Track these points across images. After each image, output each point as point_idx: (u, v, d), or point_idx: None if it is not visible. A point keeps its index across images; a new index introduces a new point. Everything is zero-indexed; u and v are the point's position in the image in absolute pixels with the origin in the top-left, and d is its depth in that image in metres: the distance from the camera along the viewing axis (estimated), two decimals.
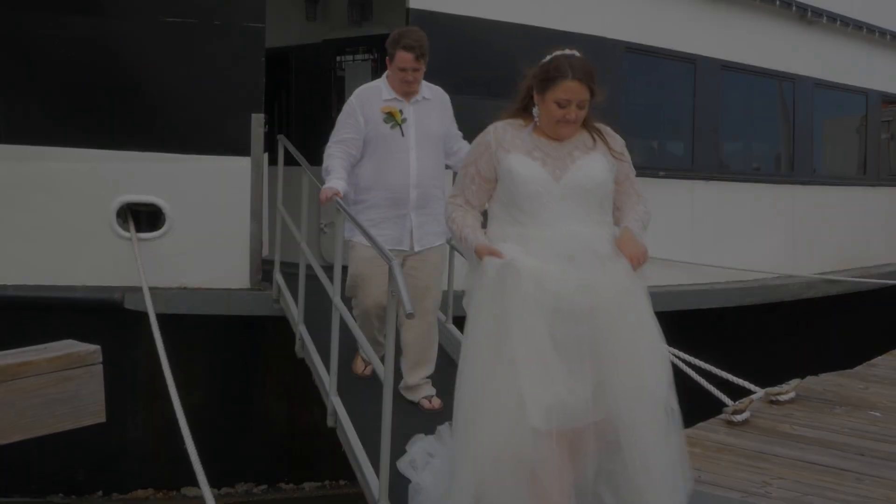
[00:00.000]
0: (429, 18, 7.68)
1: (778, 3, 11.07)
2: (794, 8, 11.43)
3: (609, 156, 3.75)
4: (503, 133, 3.76)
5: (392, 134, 5.19)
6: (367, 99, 5.26)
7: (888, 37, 13.53)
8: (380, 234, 4.92)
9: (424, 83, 5.34)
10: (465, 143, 5.20)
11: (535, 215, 3.64)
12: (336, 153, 5.22)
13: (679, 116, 10.14)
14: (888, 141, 14.71)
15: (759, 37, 11.01)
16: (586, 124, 3.78)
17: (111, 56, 7.13)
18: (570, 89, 3.61)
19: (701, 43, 10.21)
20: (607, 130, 3.86)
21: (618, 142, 3.86)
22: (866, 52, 13.34)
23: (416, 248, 5.30)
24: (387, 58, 5.24)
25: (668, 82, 10.15)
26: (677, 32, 9.88)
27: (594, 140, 3.76)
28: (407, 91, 5.23)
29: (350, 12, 9.52)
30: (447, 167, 5.54)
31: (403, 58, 5.14)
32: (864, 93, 13.47)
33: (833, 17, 12.18)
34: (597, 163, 3.71)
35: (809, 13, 11.71)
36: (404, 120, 5.21)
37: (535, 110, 3.72)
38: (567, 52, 3.71)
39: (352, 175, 5.25)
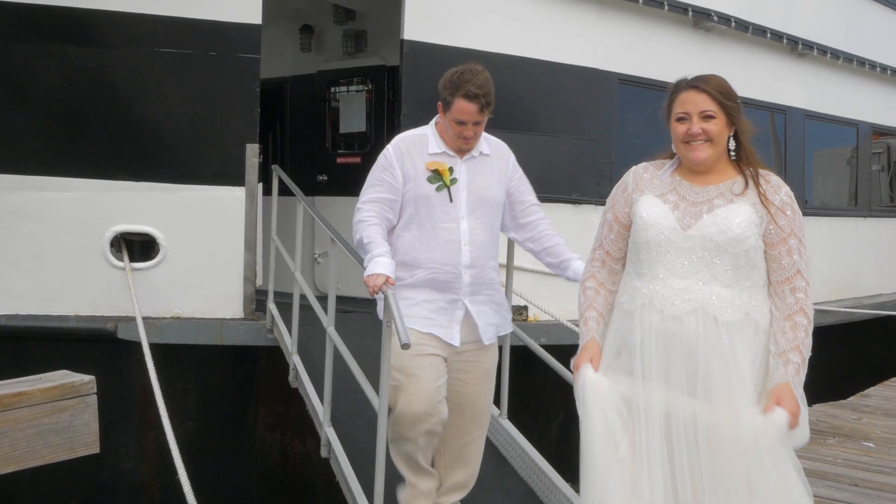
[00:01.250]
0: (423, 50, 7.74)
1: (769, 35, 11.19)
2: (784, 40, 11.55)
3: (760, 206, 3.13)
4: (642, 173, 3.34)
5: (438, 197, 4.10)
6: (409, 150, 4.17)
7: (878, 69, 13.67)
8: (427, 317, 4.09)
9: (483, 134, 4.27)
10: (541, 213, 4.38)
11: (651, 266, 3.18)
12: (370, 218, 4.11)
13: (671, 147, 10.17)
14: (878, 172, 14.81)
15: (751, 68, 11.11)
16: (747, 164, 3.24)
17: (106, 86, 7.16)
18: (686, 100, 3.21)
19: (692, 74, 10.27)
20: (769, 176, 3.22)
21: (778, 191, 3.18)
22: (856, 84, 13.48)
23: (466, 343, 4.19)
24: (439, 103, 4.15)
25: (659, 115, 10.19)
26: (669, 64, 9.95)
27: (746, 185, 3.18)
28: (466, 147, 4.16)
29: (344, 44, 9.59)
30: (517, 244, 4.58)
31: (464, 109, 4.03)
32: (855, 124, 13.58)
33: (823, 50, 12.30)
34: (738, 214, 3.11)
35: (800, 46, 11.83)
36: (454, 180, 4.12)
37: (673, 146, 3.30)
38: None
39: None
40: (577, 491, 3.40)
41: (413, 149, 4.19)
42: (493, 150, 4.30)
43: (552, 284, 5.38)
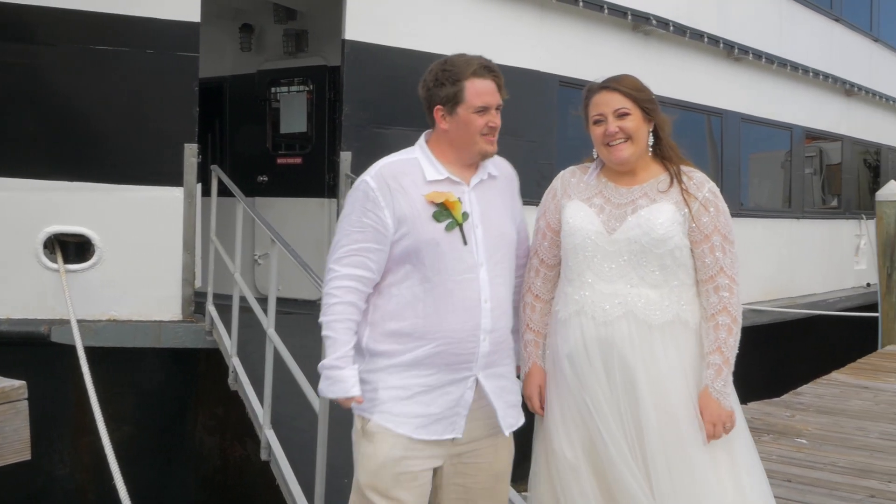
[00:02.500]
0: (364, 50, 7.71)
1: (706, 39, 11.36)
2: (721, 45, 11.74)
3: (682, 204, 3.08)
4: (569, 177, 3.29)
5: (448, 240, 3.04)
6: (399, 181, 3.07)
7: (811, 74, 13.96)
8: (422, 414, 3.04)
9: None
10: (525, 254, 3.39)
11: (580, 272, 3.13)
12: (339, 292, 3.04)
13: None
14: (811, 175, 15.14)
15: (688, 72, 11.27)
16: (670, 161, 3.17)
17: (39, 84, 7.01)
18: (599, 102, 3.14)
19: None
20: (692, 173, 3.16)
21: (701, 187, 3.12)
22: (790, 88, 13.76)
23: (473, 437, 3.13)
24: (436, 110, 3.13)
25: None
26: (610, 68, 10.01)
27: (671, 183, 3.13)
28: (492, 150, 3.16)
29: (285, 43, 9.53)
30: None
31: (483, 89, 3.08)
32: (789, 128, 13.86)
33: (758, 54, 12.53)
34: (661, 214, 3.06)
35: (736, 50, 12.04)
36: (466, 215, 3.08)
37: (594, 151, 3.24)
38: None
39: (370, 309, 3.12)
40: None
41: (404, 178, 3.08)
42: (501, 171, 3.28)
43: None
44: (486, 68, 3.10)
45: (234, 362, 6.28)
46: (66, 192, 7.00)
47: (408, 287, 3.06)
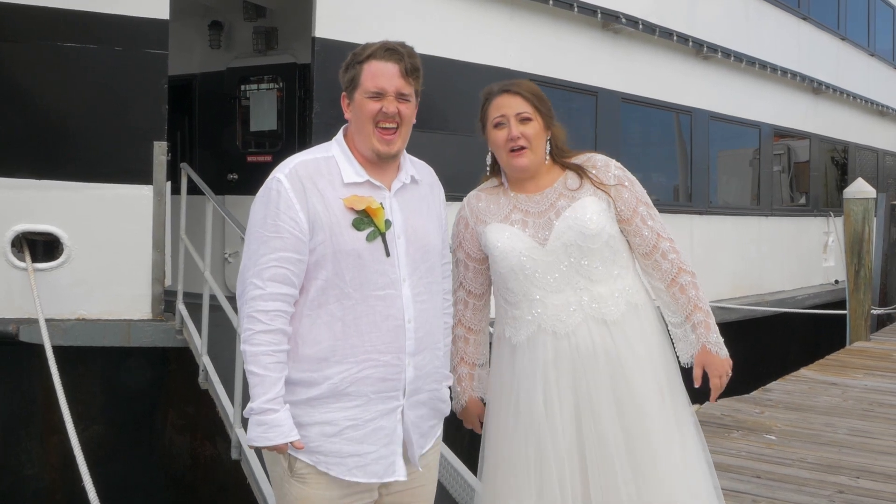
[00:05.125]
0: (334, 48, 7.69)
1: (675, 38, 11.43)
2: (690, 43, 11.81)
3: (601, 192, 3.06)
4: (476, 203, 3.17)
5: (370, 251, 2.71)
6: (314, 182, 2.71)
7: (779, 72, 14.08)
8: (355, 453, 2.72)
9: (407, 154, 2.92)
10: (451, 270, 3.14)
11: (525, 292, 3.03)
12: (268, 320, 2.66)
13: (581, 147, 10.29)
14: (779, 173, 15.27)
15: (658, 70, 11.34)
16: (565, 162, 3.14)
17: (6, 81, 6.94)
18: (501, 104, 3.06)
19: (602, 76, 10.46)
20: (593, 160, 3.14)
21: (608, 170, 3.11)
22: (758, 86, 13.87)
23: (412, 467, 2.86)
24: (342, 97, 2.85)
25: (570, 114, 10.34)
26: (579, 65, 10.10)
27: (580, 179, 3.09)
28: (385, 150, 2.76)
29: (255, 41, 9.48)
30: None
31: (378, 71, 2.74)
32: (757, 126, 13.97)
33: (727, 53, 12.62)
34: (587, 208, 3.01)
35: (705, 48, 12.12)
36: (388, 223, 2.75)
37: (488, 157, 3.19)
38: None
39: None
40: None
41: (319, 178, 2.71)
42: (424, 176, 2.96)
43: None
44: (388, 50, 2.74)
45: (205, 361, 6.25)
46: (34, 190, 6.94)
47: (322, 305, 2.68)
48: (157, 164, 7.16)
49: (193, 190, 7.35)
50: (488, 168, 3.21)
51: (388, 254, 2.72)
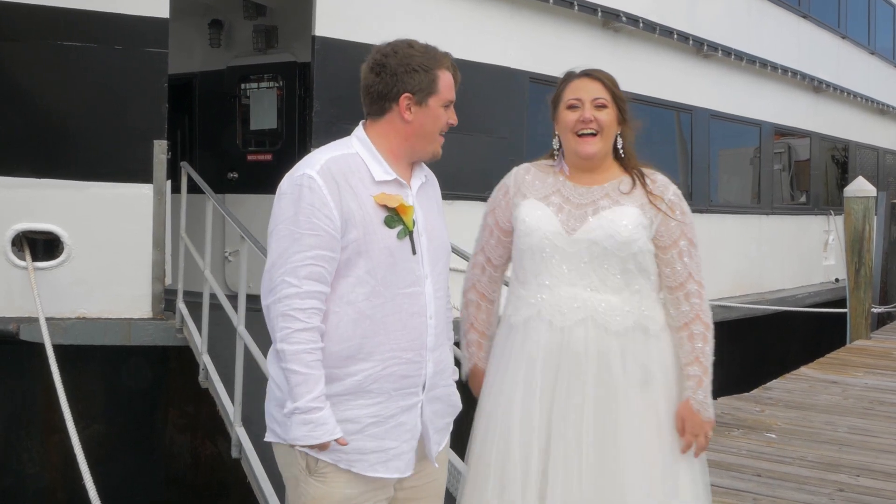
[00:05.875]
0: (334, 46, 7.69)
1: (675, 36, 11.42)
2: (690, 42, 11.81)
3: (648, 207, 2.93)
4: (524, 174, 3.08)
5: (400, 248, 2.73)
6: (347, 178, 2.70)
7: (779, 70, 14.08)
8: (377, 449, 2.73)
9: None
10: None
11: (536, 274, 2.94)
12: (306, 318, 2.61)
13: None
14: (780, 171, 15.27)
15: (658, 69, 11.33)
16: (629, 165, 3.01)
17: (7, 80, 6.94)
18: (578, 87, 2.99)
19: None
20: (653, 176, 3.01)
21: (665, 191, 2.97)
22: (759, 85, 13.86)
23: (428, 462, 2.90)
24: (403, 98, 2.79)
25: None
26: (579, 63, 10.07)
27: (633, 184, 2.97)
28: (438, 152, 2.94)
29: (255, 39, 9.48)
30: None
31: (451, 82, 2.87)
32: (758, 125, 13.97)
33: (727, 51, 12.62)
34: (624, 216, 2.90)
35: (705, 47, 12.12)
36: (415, 222, 2.79)
37: (554, 141, 3.07)
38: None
39: None
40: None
41: (351, 175, 2.70)
42: (424, 173, 2.98)
43: (460, 279, 5.39)
44: (452, 62, 2.87)
45: (205, 360, 6.25)
46: (35, 188, 6.94)
47: (352, 302, 2.67)
48: (157, 162, 7.16)
49: (193, 189, 7.35)
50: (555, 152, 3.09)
51: (414, 251, 2.75)
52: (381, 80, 2.77)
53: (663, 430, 2.92)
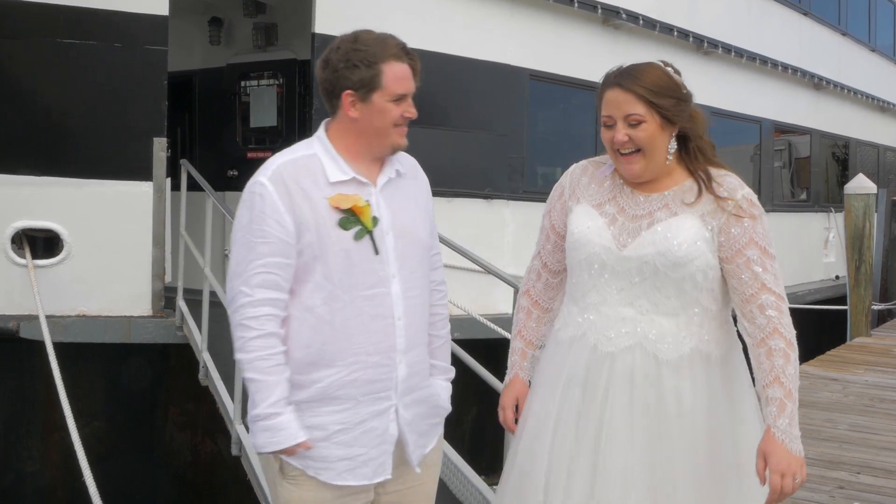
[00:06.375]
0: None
1: (675, 33, 11.41)
2: (690, 39, 11.79)
3: (711, 217, 2.58)
4: (580, 175, 2.79)
5: (358, 250, 2.64)
6: (299, 182, 2.63)
7: (780, 68, 14.07)
8: (345, 457, 2.66)
9: None
10: (440, 272, 2.95)
11: (585, 291, 2.67)
12: (259, 325, 2.59)
13: (582, 143, 10.33)
14: (780, 169, 15.26)
15: None
16: (695, 167, 2.65)
17: (7, 77, 6.94)
18: (610, 101, 2.63)
19: (601, 71, 10.40)
20: (722, 178, 2.64)
21: (733, 195, 2.60)
22: (759, 82, 13.85)
23: (409, 467, 2.79)
24: (344, 95, 2.69)
25: (570, 109, 10.33)
26: (579, 61, 10.08)
27: (700, 191, 2.61)
28: (399, 144, 2.73)
29: (255, 37, 9.47)
30: None
31: (401, 74, 2.67)
32: (758, 122, 13.96)
33: (728, 48, 12.60)
34: (681, 231, 2.56)
35: (705, 44, 12.10)
36: (376, 220, 2.67)
37: None
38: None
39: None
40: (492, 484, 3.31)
41: (304, 178, 2.63)
42: (407, 169, 2.83)
43: (459, 277, 5.40)
44: (404, 50, 2.67)
45: (205, 357, 6.25)
46: (35, 186, 6.93)
47: (311, 308, 2.61)
48: (156, 160, 7.16)
49: (193, 186, 7.34)
50: None
51: (376, 252, 2.64)
52: (326, 77, 2.72)
53: (721, 468, 2.58)
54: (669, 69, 2.70)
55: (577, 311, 2.69)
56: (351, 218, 2.61)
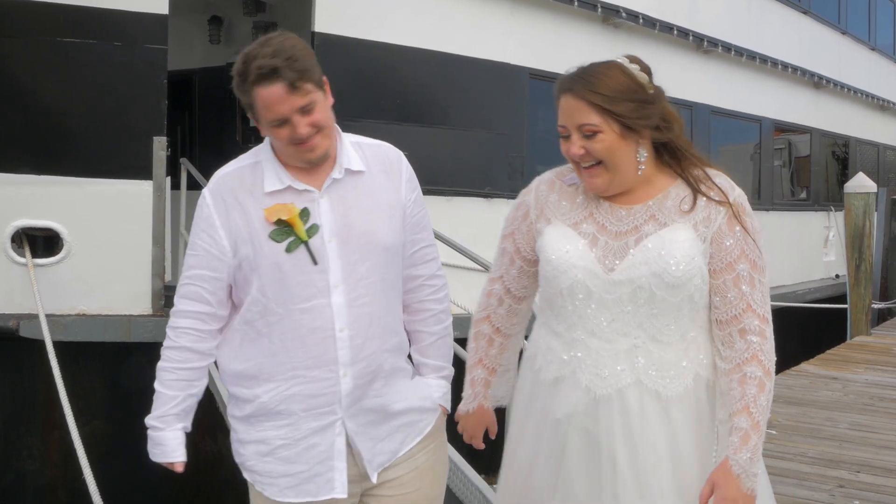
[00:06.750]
0: (334, 43, 7.68)
1: (675, 32, 11.41)
2: (690, 38, 11.80)
3: (704, 225, 2.26)
4: (547, 192, 2.44)
5: (293, 262, 2.49)
6: (235, 194, 2.55)
7: (780, 66, 14.07)
8: (286, 473, 2.59)
9: (349, 138, 2.65)
10: (435, 265, 2.75)
11: (570, 325, 2.32)
12: (175, 337, 2.62)
13: None
14: (780, 167, 15.26)
15: (658, 65, 11.27)
16: (683, 168, 2.34)
17: (7, 76, 6.94)
18: (563, 109, 2.32)
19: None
20: (713, 178, 2.33)
21: (727, 195, 2.31)
22: (759, 80, 13.86)
23: (370, 481, 2.62)
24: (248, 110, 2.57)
25: None
26: (579, 60, 10.06)
27: (694, 199, 2.29)
28: (309, 159, 2.49)
29: (254, 36, 9.45)
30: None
31: (268, 99, 2.44)
32: (758, 121, 13.96)
33: (728, 47, 12.61)
34: (676, 244, 2.22)
35: (705, 43, 12.11)
36: (314, 228, 2.50)
37: None
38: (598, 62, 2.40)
39: (220, 345, 2.66)
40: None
41: (241, 190, 2.53)
42: (373, 163, 2.62)
43: (459, 276, 5.40)
44: (270, 71, 2.42)
45: None
46: (34, 185, 6.93)
47: (250, 321, 2.53)
48: (156, 159, 7.15)
49: (193, 185, 7.35)
50: None
51: (314, 262, 2.47)
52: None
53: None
54: (634, 67, 2.40)
55: (562, 348, 2.35)
56: (283, 229, 2.47)
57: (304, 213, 2.48)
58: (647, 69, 2.40)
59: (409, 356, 2.72)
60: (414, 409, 2.65)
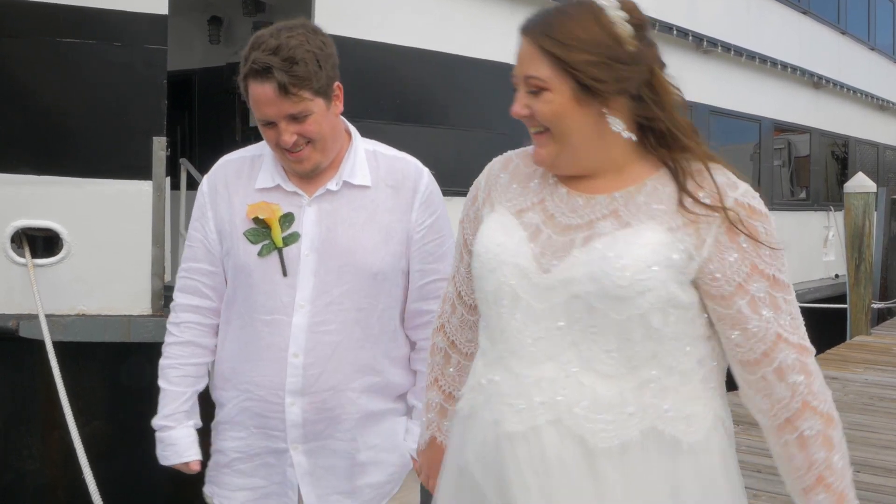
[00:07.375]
0: (334, 43, 7.68)
1: (675, 32, 11.42)
2: (690, 37, 11.80)
3: (687, 229, 1.67)
4: (499, 170, 1.93)
5: (262, 268, 2.30)
6: (231, 183, 2.40)
7: (779, 66, 14.08)
8: (244, 487, 2.45)
9: (366, 145, 2.44)
10: (440, 288, 2.29)
11: (494, 341, 1.79)
12: (178, 332, 2.48)
13: None
14: (780, 167, 15.27)
15: None
16: (670, 155, 1.73)
17: (6, 76, 6.93)
18: (518, 54, 1.79)
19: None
20: (718, 175, 1.74)
21: (724, 196, 1.71)
22: (759, 80, 13.86)
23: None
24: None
25: None
26: None
27: (678, 198, 1.70)
28: (294, 169, 2.31)
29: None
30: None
31: (258, 97, 2.24)
32: (758, 121, 13.97)
33: (727, 47, 12.62)
34: (631, 247, 1.65)
35: (705, 43, 12.11)
36: (293, 237, 2.29)
37: None
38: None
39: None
40: None
41: (236, 181, 2.37)
42: (384, 177, 2.36)
43: None
44: (263, 69, 2.19)
45: None
46: (34, 185, 6.93)
47: (229, 321, 2.38)
48: (156, 159, 7.15)
49: (193, 185, 7.35)
50: None
51: (284, 273, 2.26)
52: None
53: None
54: (620, 14, 1.69)
55: (483, 369, 1.82)
56: (260, 230, 2.28)
57: (287, 218, 2.28)
58: (640, 19, 1.74)
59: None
60: (386, 465, 2.40)
